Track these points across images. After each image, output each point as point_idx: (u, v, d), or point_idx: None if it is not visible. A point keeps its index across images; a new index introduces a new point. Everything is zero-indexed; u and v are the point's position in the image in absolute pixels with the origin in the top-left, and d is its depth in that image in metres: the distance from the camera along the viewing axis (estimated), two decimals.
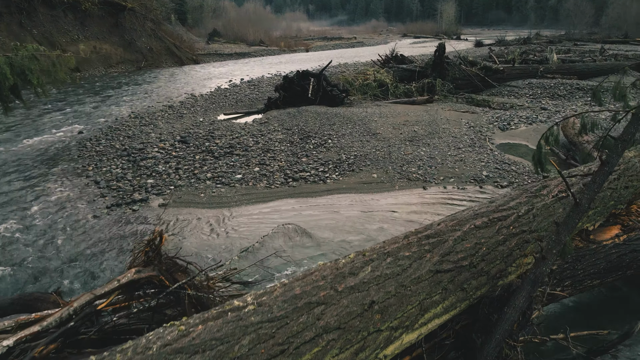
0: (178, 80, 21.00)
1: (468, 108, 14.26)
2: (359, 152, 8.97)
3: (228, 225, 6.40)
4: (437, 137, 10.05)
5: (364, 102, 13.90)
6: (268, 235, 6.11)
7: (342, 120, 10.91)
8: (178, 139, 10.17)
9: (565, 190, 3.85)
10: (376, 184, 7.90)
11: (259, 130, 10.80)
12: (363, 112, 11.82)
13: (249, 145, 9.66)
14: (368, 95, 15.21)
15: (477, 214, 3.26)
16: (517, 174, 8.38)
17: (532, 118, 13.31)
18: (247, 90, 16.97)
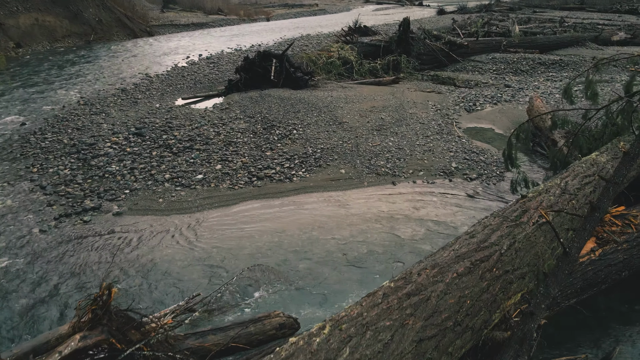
0: (131, 57, 19.75)
1: (434, 87, 14.07)
2: (325, 145, 8.63)
3: (190, 238, 6.01)
4: (404, 124, 9.82)
5: (329, 83, 13.45)
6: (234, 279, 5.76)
7: (307, 107, 10.48)
8: (133, 130, 9.51)
9: (545, 215, 3.68)
10: (344, 181, 7.63)
11: (220, 119, 10.25)
12: (328, 96, 11.40)
13: (210, 137, 9.14)
14: (332, 74, 14.74)
15: (458, 256, 3.03)
16: (485, 165, 8.29)
17: (496, 97, 13.27)
18: (206, 69, 16.11)
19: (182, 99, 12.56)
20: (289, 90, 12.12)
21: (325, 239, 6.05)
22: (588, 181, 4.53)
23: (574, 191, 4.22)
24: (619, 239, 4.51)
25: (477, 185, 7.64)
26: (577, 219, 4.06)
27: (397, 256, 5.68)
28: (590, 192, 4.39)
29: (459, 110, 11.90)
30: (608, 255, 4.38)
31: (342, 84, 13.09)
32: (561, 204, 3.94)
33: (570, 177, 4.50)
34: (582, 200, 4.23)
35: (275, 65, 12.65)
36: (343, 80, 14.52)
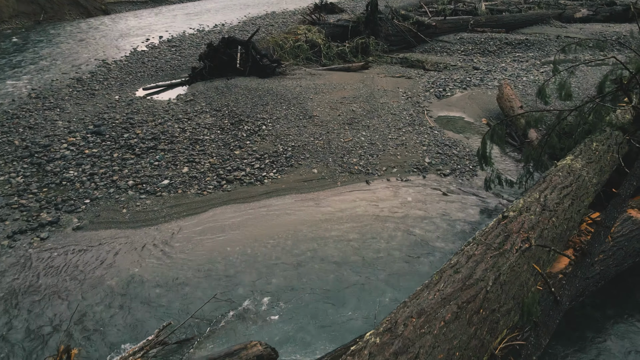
0: (86, 40, 18.59)
1: (403, 72, 13.88)
2: (296, 142, 8.36)
3: (158, 254, 5.71)
4: (376, 116, 9.62)
5: (297, 69, 13.04)
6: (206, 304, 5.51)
7: (275, 99, 10.11)
8: (91, 128, 8.96)
9: (527, 240, 3.59)
10: (317, 181, 7.43)
11: (185, 112, 9.78)
12: (297, 85, 11.04)
13: (175, 134, 8.70)
14: (300, 59, 14.31)
15: (444, 298, 2.91)
16: (458, 159, 8.24)
17: (466, 81, 13.22)
18: (167, 54, 15.35)
19: (143, 89, 11.94)
20: (256, 79, 11.68)
21: (300, 250, 5.87)
22: (566, 193, 4.48)
23: (553, 207, 4.16)
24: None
25: (451, 182, 7.58)
26: (559, 236, 4.01)
27: (376, 274, 5.56)
28: (568, 205, 4.35)
29: (430, 96, 11.79)
30: (585, 269, 4.37)
31: (310, 71, 12.72)
32: (542, 223, 3.87)
33: (548, 190, 4.44)
34: (562, 216, 4.18)
35: (241, 52, 12.14)
36: (311, 65, 14.13)
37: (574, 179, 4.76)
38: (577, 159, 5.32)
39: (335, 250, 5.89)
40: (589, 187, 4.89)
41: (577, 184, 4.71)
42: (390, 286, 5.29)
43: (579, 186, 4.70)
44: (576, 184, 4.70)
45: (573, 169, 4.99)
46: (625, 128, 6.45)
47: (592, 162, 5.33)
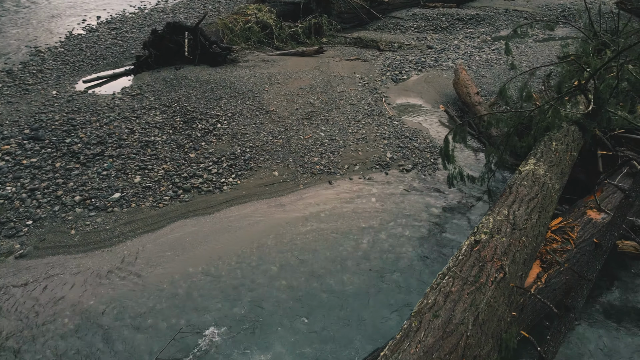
0: (13, 20, 16.97)
1: (359, 53, 13.60)
2: (254, 142, 8.02)
3: (114, 281, 5.35)
4: (334, 107, 9.38)
5: (250, 54, 12.48)
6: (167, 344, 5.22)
7: (229, 92, 9.62)
8: (27, 133, 8.20)
9: (501, 268, 3.56)
10: (279, 185, 7.19)
11: (132, 109, 9.14)
12: (251, 75, 10.55)
13: (123, 137, 8.13)
14: (252, 42, 13.71)
15: (426, 352, 2.82)
16: (419, 152, 8.20)
17: (421, 62, 13.16)
18: (107, 39, 14.25)
19: (83, 81, 11.05)
20: (207, 68, 11.07)
21: (266, 265, 5.67)
22: (533, 206, 4.50)
23: (522, 224, 4.15)
24: (561, 259, 4.59)
25: (414, 178, 7.54)
26: (529, 255, 4.01)
27: (345, 290, 5.47)
28: (536, 220, 4.37)
29: (386, 81, 11.65)
30: (553, 280, 4.46)
31: (264, 56, 12.20)
32: (514, 246, 3.86)
33: (516, 205, 4.43)
34: (531, 233, 4.19)
35: (189, 38, 11.43)
36: (264, 48, 13.57)
37: (539, 188, 4.79)
38: (539, 162, 5.36)
39: (301, 263, 5.74)
40: (553, 195, 4.94)
41: (543, 193, 4.74)
42: (361, 303, 5.22)
43: (544, 196, 4.73)
44: (541, 193, 4.73)
45: (537, 176, 5.02)
46: (580, 123, 6.57)
47: (554, 166, 5.39)
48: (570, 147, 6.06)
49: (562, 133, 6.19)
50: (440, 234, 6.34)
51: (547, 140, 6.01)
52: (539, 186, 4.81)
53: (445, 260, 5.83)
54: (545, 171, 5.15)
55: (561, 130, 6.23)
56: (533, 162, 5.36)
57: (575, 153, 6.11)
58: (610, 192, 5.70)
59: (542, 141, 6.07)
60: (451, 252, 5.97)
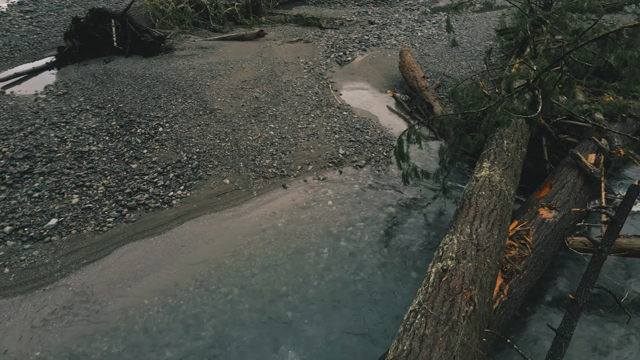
0: None
1: (300, 33, 13.15)
2: (201, 147, 7.58)
3: (62, 326, 4.93)
4: (281, 100, 9.03)
5: (185, 40, 11.69)
6: None
7: (168, 89, 8.98)
8: None
9: (471, 300, 3.57)
10: (231, 193, 6.88)
11: (60, 112, 8.35)
12: (190, 67, 9.88)
13: (53, 148, 7.41)
14: (186, 24, 12.85)
15: None
16: (371, 145, 8.12)
17: (364, 41, 12.97)
18: (22, 25, 12.81)
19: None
20: (140, 59, 10.26)
21: (226, 287, 5.45)
22: (494, 219, 4.55)
23: (485, 243, 4.19)
24: (520, 267, 4.71)
25: (368, 174, 7.48)
26: (494, 276, 4.06)
27: (309, 309, 5.37)
28: (497, 235, 4.42)
29: (331, 64, 11.38)
30: (514, 290, 4.58)
31: (201, 42, 11.47)
32: (480, 270, 3.88)
33: (477, 221, 4.46)
34: (494, 250, 4.24)
35: (116, 25, 10.50)
36: (200, 31, 12.77)
37: (497, 197, 4.84)
38: (494, 166, 5.41)
39: (263, 282, 5.57)
40: (510, 202, 5.03)
41: (501, 203, 4.80)
42: (327, 321, 5.15)
43: (502, 206, 4.79)
44: (500, 203, 4.79)
45: (493, 183, 5.06)
46: (527, 115, 6.69)
47: (508, 168, 5.47)
48: (520, 144, 6.17)
49: (512, 128, 6.29)
50: (399, 236, 6.35)
51: (498, 138, 6.08)
52: (497, 195, 4.86)
53: (406, 265, 5.87)
54: (500, 176, 5.21)
55: (511, 127, 6.32)
56: (488, 166, 5.41)
57: (525, 149, 6.24)
58: (558, 187, 5.89)
59: (494, 139, 6.13)
60: (411, 255, 6.01)
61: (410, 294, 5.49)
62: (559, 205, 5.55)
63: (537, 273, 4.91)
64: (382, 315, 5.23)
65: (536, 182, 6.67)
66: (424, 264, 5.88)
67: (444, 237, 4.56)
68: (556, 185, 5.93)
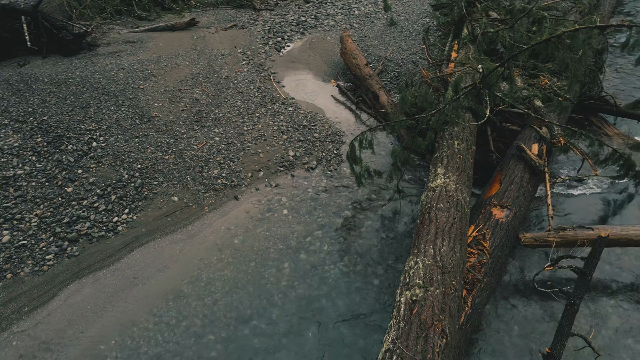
0: None
1: (234, 17, 12.50)
2: (143, 162, 7.09)
3: None
4: (223, 100, 8.60)
5: (110, 33, 10.74)
6: None
7: (98, 96, 8.24)
8: None
9: (443, 332, 3.62)
10: (181, 212, 6.55)
11: None
12: (119, 67, 9.09)
13: None
14: (108, 13, 11.80)
15: None
16: (321, 144, 7.99)
17: (301, 23, 12.59)
18: None
19: None
20: (60, 60, 9.33)
21: (188, 320, 5.24)
22: (454, 234, 4.62)
23: (449, 264, 4.25)
24: (480, 275, 4.85)
25: (320, 176, 7.37)
26: (459, 298, 4.14)
27: (278, 332, 5.28)
28: (459, 251, 4.49)
29: (270, 52, 10.96)
30: (477, 300, 4.72)
31: (127, 35, 10.59)
32: (448, 296, 3.94)
33: (439, 239, 4.51)
34: (458, 269, 4.32)
35: (28, 22, 9.44)
36: (123, 20, 11.79)
37: (455, 209, 4.90)
38: (448, 173, 5.47)
39: (226, 308, 5.41)
40: (467, 210, 5.12)
41: (459, 215, 4.87)
42: (296, 344, 5.11)
43: (460, 218, 4.87)
44: (458, 215, 4.86)
45: (450, 193, 5.12)
46: (473, 109, 6.78)
47: (461, 173, 5.55)
48: (470, 142, 6.27)
49: (460, 126, 6.35)
50: (358, 241, 6.35)
51: (448, 139, 6.13)
52: (455, 207, 4.92)
53: (367, 273, 5.89)
54: (455, 183, 5.27)
55: (460, 125, 6.38)
56: (442, 173, 5.45)
57: (474, 147, 6.34)
58: (508, 183, 6.08)
59: (445, 139, 6.19)
60: (372, 262, 6.04)
61: (374, 302, 5.54)
62: (510, 203, 5.74)
63: (497, 278, 5.09)
64: (350, 329, 5.25)
65: (483, 171, 6.86)
66: (385, 270, 5.94)
67: (408, 257, 4.59)
68: (505, 181, 6.11)
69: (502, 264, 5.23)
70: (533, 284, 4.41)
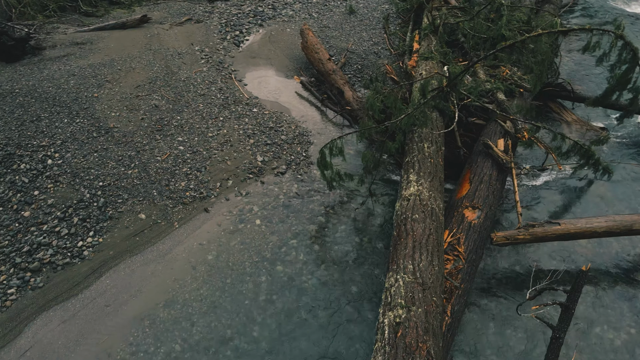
0: None
1: (188, 10, 11.96)
2: (104, 178, 6.76)
3: None
4: (184, 105, 8.27)
5: (54, 32, 10.06)
6: None
7: (48, 107, 7.73)
8: None
9: (428, 354, 3.67)
10: (150, 230, 6.33)
11: None
12: (69, 74, 8.52)
13: None
14: (51, 10, 11.05)
15: None
16: (289, 146, 7.87)
17: (259, 14, 12.23)
18: None
19: None
20: (2, 68, 8.68)
21: (167, 346, 5.11)
22: (431, 247, 4.67)
23: (429, 279, 4.29)
24: (458, 282, 4.94)
25: (291, 181, 7.27)
26: (440, 313, 4.20)
27: (260, 347, 5.22)
28: (437, 264, 4.54)
29: (229, 47, 10.61)
30: (456, 308, 4.81)
31: (74, 35, 9.95)
32: (429, 314, 3.98)
33: (417, 253, 4.55)
34: (437, 283, 4.37)
35: None
36: (68, 17, 11.07)
37: (430, 219, 4.94)
38: (420, 179, 5.50)
39: (205, 329, 5.31)
40: (441, 218, 5.18)
41: (435, 225, 4.92)
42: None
43: (436, 228, 4.91)
44: (434, 225, 4.90)
45: (424, 201, 5.15)
46: (440, 107, 6.81)
47: (433, 178, 5.59)
48: (439, 143, 6.31)
49: (429, 127, 6.37)
50: (333, 248, 6.34)
51: (418, 142, 6.15)
52: (430, 217, 4.96)
53: (345, 280, 5.90)
54: (428, 190, 5.30)
55: (428, 126, 6.40)
56: (415, 180, 5.47)
57: (443, 147, 6.39)
58: (477, 182, 6.18)
59: (414, 142, 6.20)
60: (349, 268, 6.05)
61: (354, 312, 5.57)
62: (480, 204, 5.85)
63: (471, 281, 5.20)
64: (331, 341, 5.27)
65: (452, 167, 6.95)
66: (363, 277, 5.97)
67: (387, 273, 4.60)
68: (475, 180, 6.20)
69: (476, 267, 5.35)
70: (517, 312, 4.52)
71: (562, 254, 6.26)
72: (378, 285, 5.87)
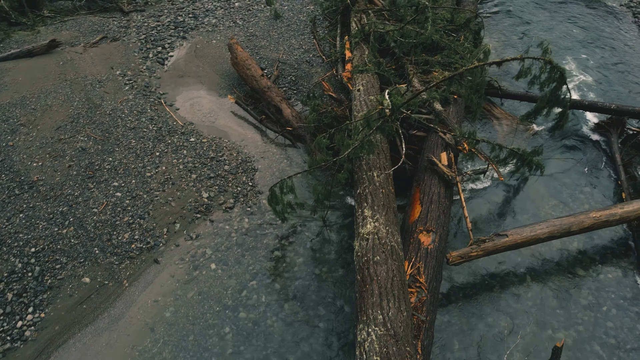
0: None
1: (101, 27, 11.07)
2: (36, 242, 6.17)
3: None
4: (115, 143, 7.70)
5: None
6: None
7: None
8: None
9: None
10: (97, 294, 5.90)
11: None
12: None
13: None
14: None
15: None
16: (234, 177, 7.61)
17: (180, 25, 11.62)
18: None
19: None
20: None
21: None
22: (396, 291, 4.73)
23: (400, 329, 4.35)
24: (423, 316, 5.06)
25: (241, 216, 7.06)
26: None
27: None
28: (405, 309, 4.61)
29: (153, 67, 10.00)
30: (426, 342, 4.94)
31: None
32: None
33: (384, 301, 4.58)
34: (407, 330, 4.44)
35: None
36: None
37: (392, 259, 5.00)
38: (375, 214, 5.52)
39: None
40: (400, 254, 5.24)
41: (396, 264, 4.97)
42: None
43: (398, 267, 4.97)
44: (395, 265, 4.96)
45: (382, 240, 5.19)
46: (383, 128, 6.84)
47: (388, 211, 5.63)
48: (387, 168, 6.35)
49: (375, 152, 6.40)
50: (294, 284, 6.27)
51: (367, 170, 6.16)
52: (391, 256, 5.00)
53: (310, 316, 5.88)
54: (385, 226, 5.34)
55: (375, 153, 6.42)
56: (370, 215, 5.48)
57: (390, 172, 6.44)
58: (428, 202, 6.32)
59: (363, 170, 6.20)
60: (312, 304, 6.02)
61: (324, 349, 5.58)
62: (434, 226, 6.00)
63: (435, 310, 5.35)
64: None
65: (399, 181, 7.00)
66: (327, 311, 5.98)
67: (357, 325, 4.61)
68: (425, 200, 6.33)
69: (438, 294, 5.51)
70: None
71: (510, 256, 6.62)
72: (344, 317, 5.90)
